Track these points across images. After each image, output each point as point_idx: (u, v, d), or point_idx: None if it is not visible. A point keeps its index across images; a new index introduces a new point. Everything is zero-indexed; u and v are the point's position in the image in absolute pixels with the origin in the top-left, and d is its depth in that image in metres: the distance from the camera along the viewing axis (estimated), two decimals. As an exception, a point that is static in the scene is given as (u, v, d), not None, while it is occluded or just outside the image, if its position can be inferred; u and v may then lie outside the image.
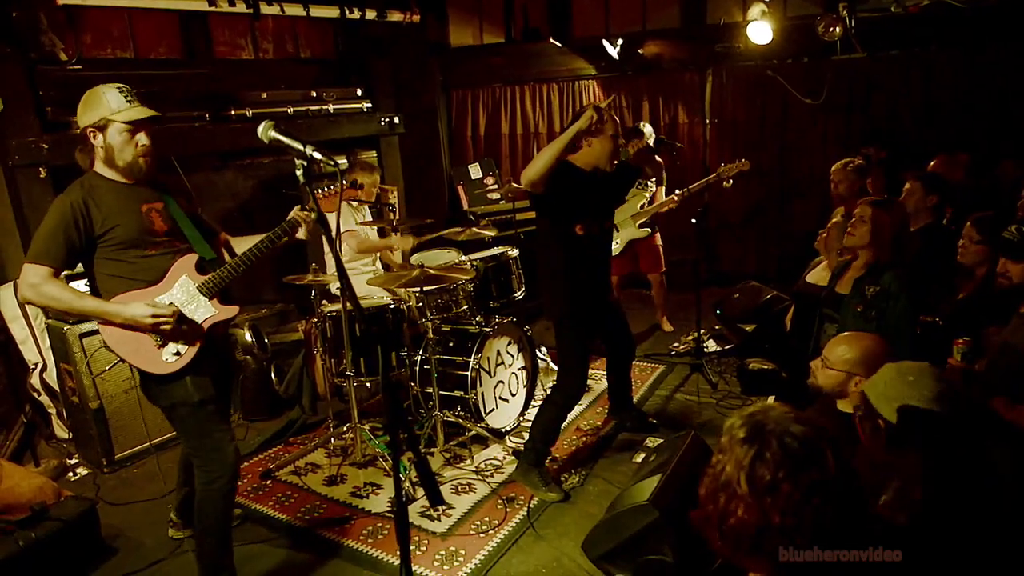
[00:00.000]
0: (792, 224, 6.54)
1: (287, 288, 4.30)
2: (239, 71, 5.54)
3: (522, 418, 4.25)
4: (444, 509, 3.39)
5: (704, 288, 5.09)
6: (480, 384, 3.95)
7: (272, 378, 4.70)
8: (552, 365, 4.76)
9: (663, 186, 5.50)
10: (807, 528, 1.19)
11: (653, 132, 5.42)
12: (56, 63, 4.22)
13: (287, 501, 3.61)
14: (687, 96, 6.72)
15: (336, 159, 2.22)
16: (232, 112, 5.08)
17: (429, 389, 3.94)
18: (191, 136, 4.87)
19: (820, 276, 3.93)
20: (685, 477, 2.72)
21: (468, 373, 3.90)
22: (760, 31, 5.41)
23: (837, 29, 5.36)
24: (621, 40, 6.32)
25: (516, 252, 4.64)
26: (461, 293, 4.18)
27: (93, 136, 2.51)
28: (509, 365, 4.23)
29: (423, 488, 1.96)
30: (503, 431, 4.08)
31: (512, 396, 4.26)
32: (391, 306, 4.01)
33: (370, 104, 6.17)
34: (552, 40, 6.84)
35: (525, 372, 4.37)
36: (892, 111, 6.04)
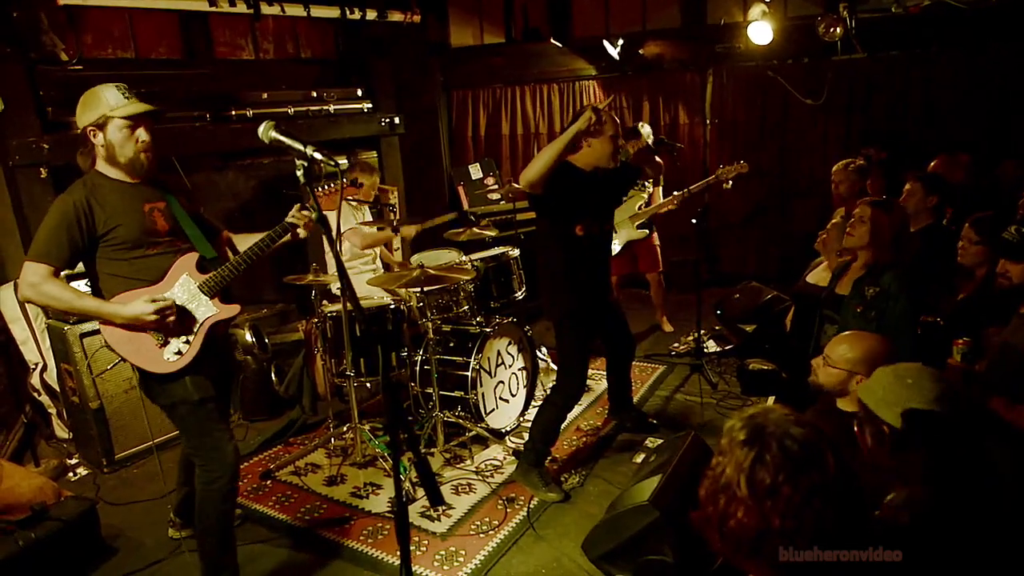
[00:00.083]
0: (792, 224, 6.53)
1: (287, 288, 4.30)
2: (240, 71, 5.55)
3: (522, 418, 4.25)
4: (444, 509, 3.39)
5: (704, 288, 5.08)
6: (480, 384, 3.95)
7: (272, 378, 4.70)
8: (552, 365, 4.76)
9: (660, 186, 5.50)
10: (807, 530, 1.19)
11: (652, 132, 5.42)
12: (57, 63, 4.22)
13: (287, 501, 3.61)
14: (687, 96, 6.72)
15: (336, 159, 2.22)
16: (233, 112, 5.09)
17: (429, 389, 3.94)
18: (192, 136, 4.87)
19: (820, 276, 3.93)
20: (685, 477, 2.72)
21: (468, 373, 3.90)
22: (760, 31, 5.41)
23: (838, 29, 5.36)
24: (621, 40, 6.31)
25: (516, 252, 4.64)
26: (461, 293, 4.18)
27: (93, 135, 2.51)
28: (509, 365, 4.23)
29: (423, 488, 1.96)
30: (503, 431, 4.09)
31: (512, 396, 4.26)
32: (391, 306, 4.01)
33: (370, 104, 6.17)
34: (552, 40, 6.84)
35: (525, 372, 4.37)
36: (892, 112, 6.04)
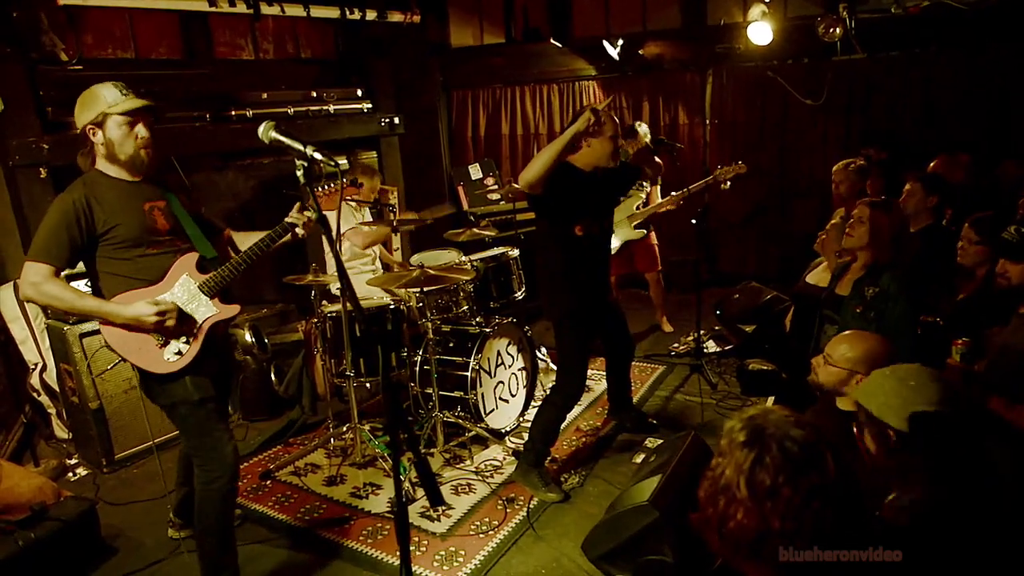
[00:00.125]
0: (792, 225, 6.53)
1: (287, 288, 4.30)
2: (239, 71, 5.55)
3: (522, 419, 4.25)
4: (444, 509, 3.39)
5: (704, 288, 5.08)
6: (480, 385, 3.95)
7: (272, 378, 4.70)
8: (552, 365, 4.76)
9: (657, 186, 5.47)
10: (807, 531, 1.19)
11: (648, 131, 5.41)
12: (57, 63, 4.22)
13: (287, 501, 3.61)
14: (687, 97, 6.71)
15: (336, 159, 2.22)
16: (232, 112, 5.09)
17: (429, 389, 3.94)
18: (191, 136, 4.87)
19: (820, 277, 3.93)
20: (685, 478, 2.72)
21: (468, 374, 3.90)
22: (760, 32, 5.41)
23: (837, 30, 5.36)
24: (621, 40, 6.32)
25: (516, 252, 4.63)
26: (461, 293, 4.18)
27: (92, 133, 2.50)
28: (509, 366, 4.23)
29: (423, 488, 1.95)
30: (503, 432, 4.09)
31: (512, 397, 4.26)
32: (391, 306, 4.01)
33: (370, 104, 6.17)
34: (552, 41, 6.84)
35: (525, 373, 4.37)
36: (892, 112, 6.03)
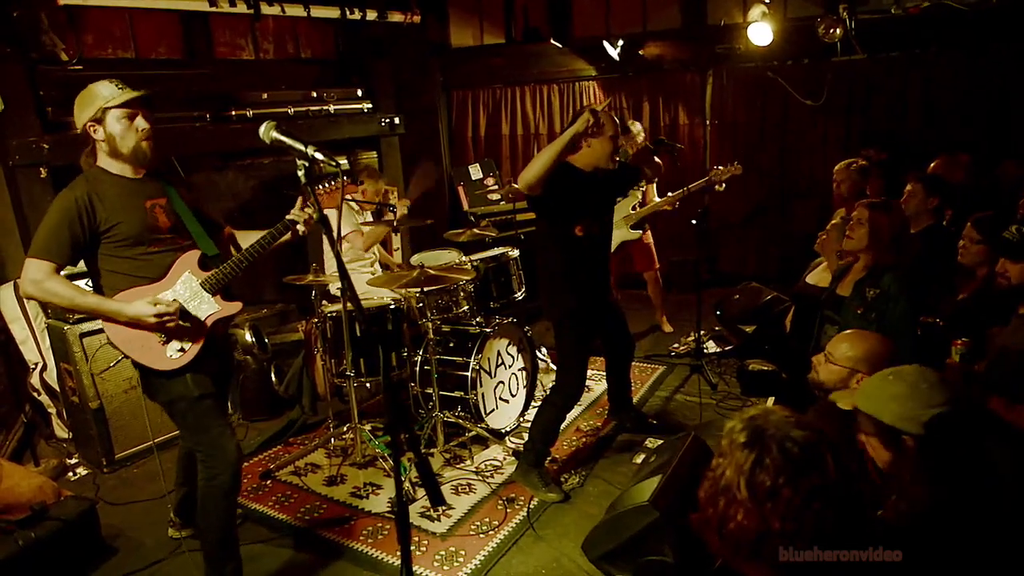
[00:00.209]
0: (792, 225, 6.53)
1: (287, 288, 4.30)
2: (240, 71, 5.55)
3: (522, 419, 4.25)
4: (444, 509, 3.39)
5: (704, 289, 5.08)
6: (480, 385, 3.95)
7: (272, 378, 4.70)
8: (552, 365, 4.76)
9: (653, 184, 5.43)
10: (807, 532, 1.19)
11: (643, 130, 5.38)
12: (57, 63, 4.23)
13: (287, 501, 3.61)
14: (687, 97, 6.72)
15: (337, 159, 2.22)
16: (233, 112, 5.09)
17: (429, 389, 3.94)
18: (192, 136, 4.88)
19: (820, 277, 3.93)
20: (685, 478, 2.72)
21: (468, 374, 3.90)
22: (760, 32, 5.41)
23: (837, 30, 5.37)
24: (621, 41, 6.32)
25: (516, 253, 4.63)
26: (461, 294, 4.18)
27: (93, 130, 2.50)
28: (509, 366, 4.23)
29: (424, 488, 1.95)
30: (503, 432, 4.09)
31: (512, 397, 4.26)
32: (391, 306, 4.01)
33: (370, 104, 6.17)
34: (552, 41, 6.84)
35: (525, 373, 4.37)
36: (892, 112, 6.03)
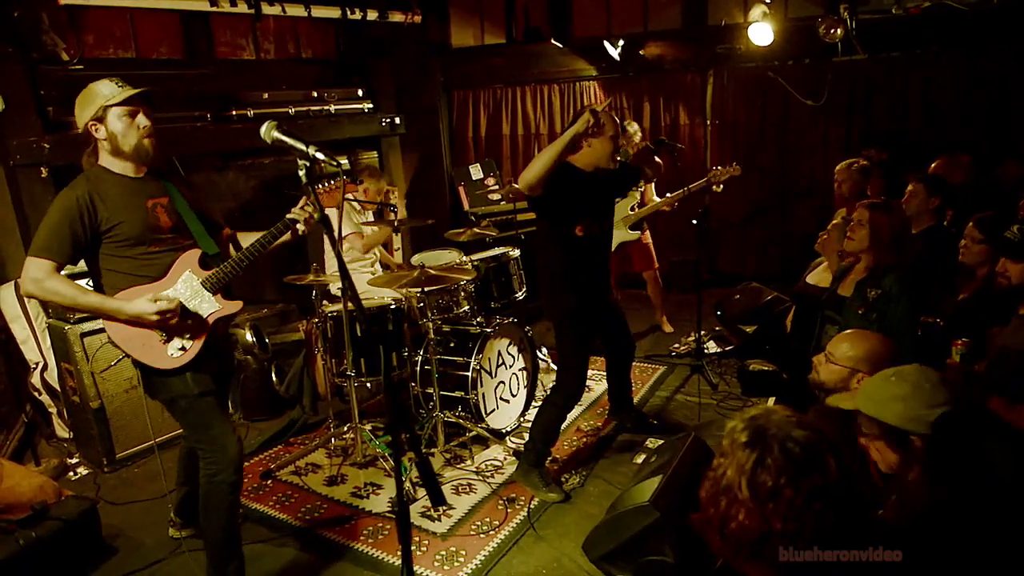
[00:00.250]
0: (793, 225, 6.53)
1: (288, 288, 4.30)
2: (240, 71, 5.55)
3: (523, 419, 4.25)
4: (444, 509, 3.39)
5: (704, 289, 5.08)
6: (481, 385, 3.95)
7: (273, 378, 4.70)
8: (552, 365, 4.76)
9: (651, 183, 5.42)
10: (808, 532, 1.19)
11: (639, 130, 5.37)
12: (58, 63, 4.23)
13: (287, 501, 3.61)
14: (688, 97, 6.72)
15: (338, 159, 2.22)
16: (233, 112, 5.09)
17: (430, 389, 3.94)
18: (192, 136, 4.88)
19: (820, 277, 3.93)
20: (686, 478, 2.72)
21: (469, 374, 3.90)
22: (761, 32, 5.41)
23: (838, 31, 5.36)
24: (622, 41, 6.32)
25: (517, 253, 4.64)
26: (462, 294, 4.18)
27: (95, 129, 2.50)
28: (510, 366, 4.24)
29: (425, 488, 1.95)
30: (504, 432, 4.09)
31: (513, 397, 4.26)
32: (392, 306, 4.01)
33: (371, 104, 6.17)
34: (553, 41, 6.84)
35: (526, 373, 4.37)
36: (893, 113, 6.03)
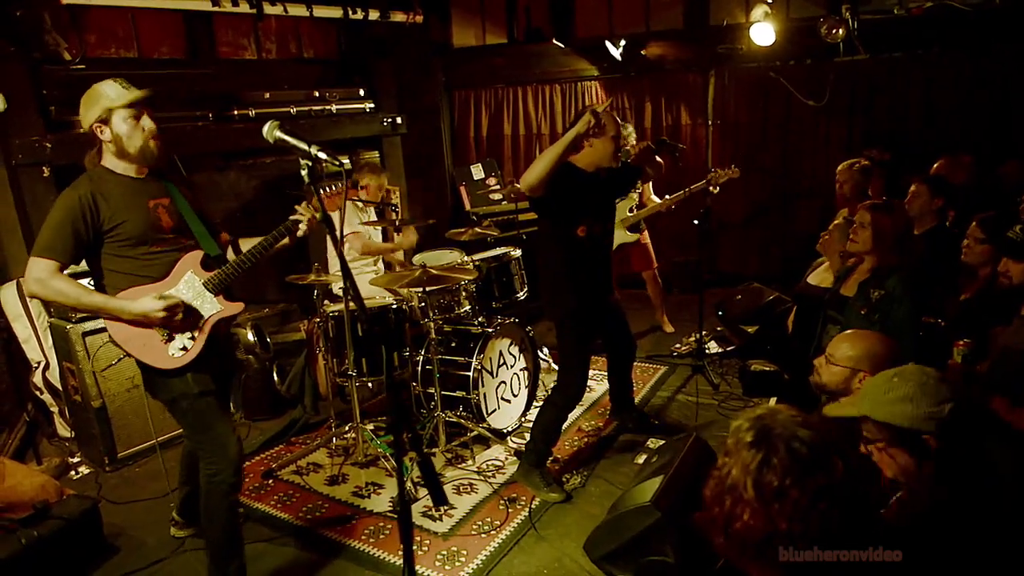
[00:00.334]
0: (794, 225, 6.52)
1: (290, 288, 4.31)
2: (242, 71, 5.55)
3: (524, 419, 4.25)
4: (446, 509, 3.40)
5: (706, 289, 5.08)
6: (482, 384, 3.95)
7: (274, 378, 4.71)
8: (554, 365, 4.76)
9: (649, 184, 5.40)
10: (813, 533, 1.19)
11: (634, 131, 5.36)
12: (60, 63, 4.23)
13: (289, 500, 3.61)
14: (689, 97, 6.71)
15: (340, 159, 2.23)
16: (235, 112, 5.09)
17: (431, 389, 3.94)
18: (194, 136, 4.88)
19: (822, 277, 3.93)
20: (687, 479, 2.72)
21: (470, 373, 3.90)
22: (763, 32, 5.41)
23: (840, 31, 5.36)
24: (624, 41, 6.31)
25: (518, 253, 4.63)
26: (463, 293, 4.18)
27: (100, 131, 2.50)
28: (511, 366, 4.24)
29: (427, 488, 1.95)
30: (505, 432, 4.09)
31: (514, 397, 4.26)
32: (393, 306, 4.01)
33: (372, 104, 6.17)
34: (555, 41, 6.84)
35: (527, 373, 4.37)
36: (894, 113, 6.03)
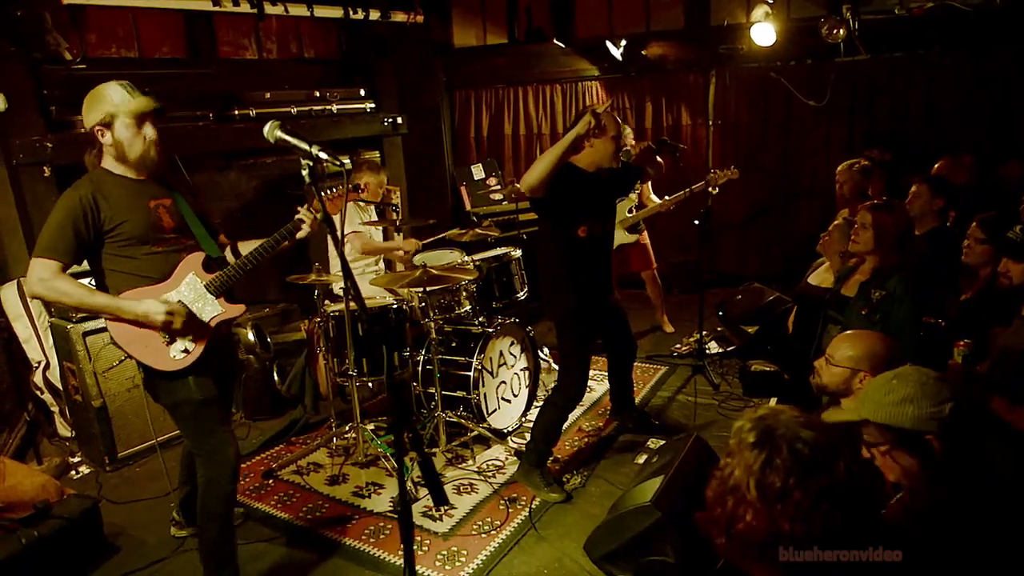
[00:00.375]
0: (795, 226, 6.52)
1: (290, 288, 4.30)
2: (243, 71, 5.56)
3: (524, 419, 4.25)
4: (446, 509, 3.40)
5: (706, 289, 5.07)
6: (482, 384, 3.95)
7: (275, 377, 4.71)
8: (554, 365, 4.76)
9: (647, 184, 5.39)
10: (816, 533, 1.19)
11: (631, 132, 5.35)
12: (61, 62, 4.23)
13: (289, 500, 3.62)
14: (690, 97, 6.71)
15: (341, 159, 2.23)
16: (236, 112, 5.09)
17: (431, 389, 3.95)
18: (195, 136, 4.87)
19: (822, 278, 3.93)
20: (688, 479, 2.72)
21: (471, 373, 3.90)
22: (763, 33, 5.40)
23: (841, 31, 5.36)
24: (624, 41, 6.30)
25: (519, 253, 4.63)
26: (464, 293, 4.18)
27: (101, 134, 2.50)
28: (511, 366, 4.24)
29: (428, 488, 1.95)
30: (505, 431, 4.09)
31: (514, 397, 4.26)
32: (394, 306, 4.01)
33: (373, 104, 6.17)
34: (555, 41, 6.84)
35: (527, 373, 4.37)
36: (895, 113, 6.02)
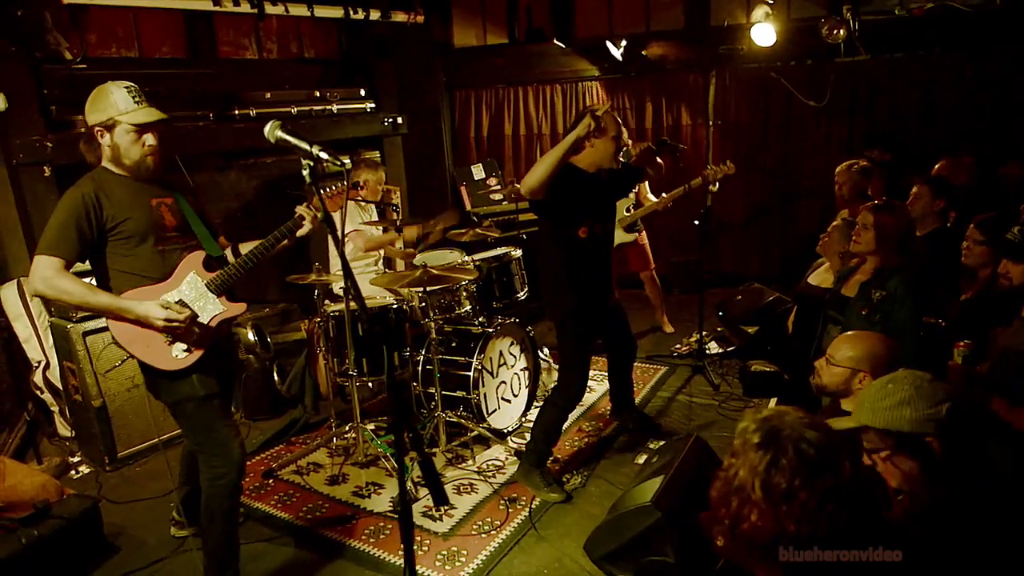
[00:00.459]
0: (795, 226, 6.53)
1: (290, 287, 4.30)
2: (243, 71, 5.56)
3: (524, 419, 4.25)
4: (446, 509, 3.40)
5: (706, 289, 5.07)
6: (482, 384, 3.95)
7: (275, 377, 4.71)
8: (554, 365, 4.76)
9: (645, 184, 5.35)
10: (821, 534, 1.19)
11: (626, 132, 5.33)
12: (61, 62, 4.24)
13: (289, 500, 3.62)
14: (690, 98, 6.71)
15: (342, 159, 2.23)
16: (236, 112, 5.09)
17: (431, 389, 3.95)
18: (195, 136, 4.88)
19: (822, 278, 3.93)
20: (688, 479, 2.72)
21: (470, 373, 3.90)
22: (764, 33, 5.41)
23: (841, 31, 5.36)
24: (624, 41, 6.31)
25: (519, 253, 4.63)
26: (464, 293, 4.17)
27: (100, 135, 2.52)
28: (511, 366, 4.24)
29: (428, 488, 1.95)
30: (505, 431, 4.09)
31: (514, 397, 4.26)
32: (394, 306, 4.01)
33: (373, 104, 6.17)
34: (555, 41, 6.84)
35: (527, 373, 4.37)
36: (895, 114, 6.03)
